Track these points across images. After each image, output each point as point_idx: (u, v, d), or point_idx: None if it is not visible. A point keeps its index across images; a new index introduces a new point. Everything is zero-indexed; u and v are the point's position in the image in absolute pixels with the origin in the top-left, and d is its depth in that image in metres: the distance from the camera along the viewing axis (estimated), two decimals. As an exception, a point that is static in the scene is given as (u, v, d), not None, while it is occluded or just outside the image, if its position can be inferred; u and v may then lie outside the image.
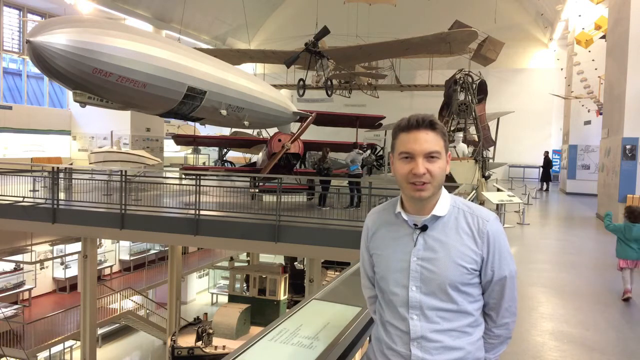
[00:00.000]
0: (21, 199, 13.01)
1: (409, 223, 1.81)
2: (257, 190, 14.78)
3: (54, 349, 17.41)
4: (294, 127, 16.94)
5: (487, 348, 1.85)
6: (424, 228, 1.78)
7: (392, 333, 1.80)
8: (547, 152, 23.84)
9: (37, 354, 15.99)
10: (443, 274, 1.73)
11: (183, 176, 17.23)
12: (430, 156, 1.73)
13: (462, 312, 1.76)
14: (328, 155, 14.26)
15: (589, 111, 20.95)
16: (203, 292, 28.71)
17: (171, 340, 16.92)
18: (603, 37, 16.22)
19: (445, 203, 1.81)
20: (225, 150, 20.62)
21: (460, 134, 15.30)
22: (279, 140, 14.58)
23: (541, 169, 23.70)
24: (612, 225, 6.49)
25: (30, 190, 13.86)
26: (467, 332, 1.77)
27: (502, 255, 1.79)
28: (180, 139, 19.84)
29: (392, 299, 1.81)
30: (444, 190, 1.84)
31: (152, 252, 25.28)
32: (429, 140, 1.74)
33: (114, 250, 23.41)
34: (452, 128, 15.93)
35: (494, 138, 17.53)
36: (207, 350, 16.26)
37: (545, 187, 22.35)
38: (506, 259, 1.80)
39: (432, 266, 1.74)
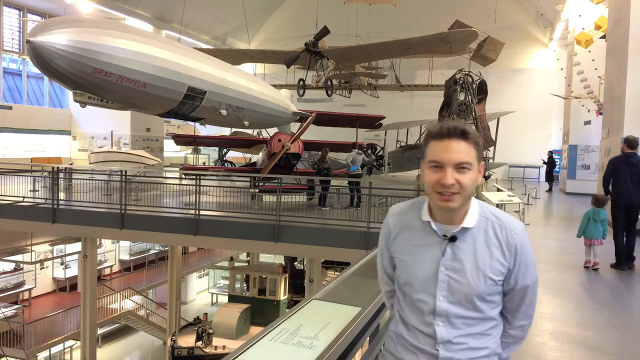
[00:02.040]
0: (21, 199, 13.01)
1: (437, 233, 1.79)
2: (257, 190, 14.78)
3: (54, 349, 17.41)
4: (294, 127, 16.93)
5: (502, 346, 1.87)
6: (452, 239, 1.76)
7: (416, 334, 1.81)
8: (550, 152, 23.82)
9: (37, 354, 15.99)
10: (471, 286, 1.73)
11: (183, 176, 17.22)
12: (460, 167, 1.70)
13: (485, 318, 1.79)
14: (327, 155, 14.25)
15: (589, 111, 20.95)
16: (203, 292, 28.71)
17: (171, 340, 16.92)
18: (603, 37, 16.21)
19: (474, 213, 1.79)
20: (225, 150, 20.60)
21: (460, 134, 15.26)
22: (279, 140, 14.57)
23: (545, 169, 23.64)
24: (585, 216, 7.73)
25: (30, 190, 13.85)
26: (488, 334, 1.80)
27: (527, 266, 1.80)
28: (180, 139, 19.83)
29: (417, 306, 1.80)
30: (473, 199, 1.82)
31: (152, 252, 25.28)
32: (460, 150, 1.71)
33: (114, 250, 23.41)
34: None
35: (494, 138, 17.52)
36: (207, 350, 16.26)
37: (549, 187, 22.32)
38: (530, 269, 1.82)
39: (460, 277, 1.74)
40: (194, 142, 19.53)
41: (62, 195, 13.31)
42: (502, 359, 1.88)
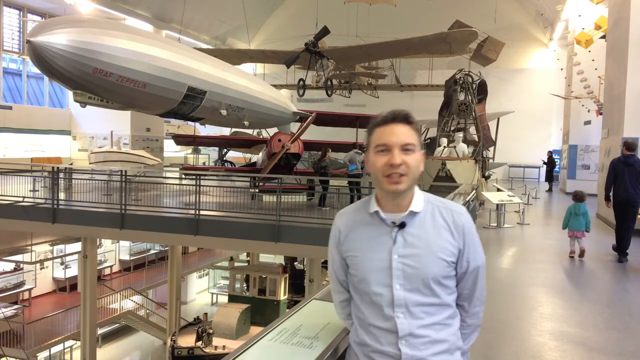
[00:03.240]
0: (21, 199, 13.00)
1: (386, 221, 1.80)
2: (257, 190, 14.77)
3: (54, 349, 17.41)
4: (294, 127, 16.93)
5: (462, 338, 1.88)
6: (402, 225, 1.78)
7: (376, 334, 1.79)
8: (550, 152, 23.83)
9: (37, 354, 15.99)
10: (425, 269, 1.75)
11: (183, 176, 17.23)
12: (406, 148, 1.75)
13: (443, 304, 1.79)
14: (328, 155, 14.21)
15: (589, 111, 20.96)
16: (203, 292, 28.72)
17: (171, 340, 16.92)
18: (603, 37, 16.22)
19: (419, 199, 1.83)
20: (225, 150, 20.61)
21: (460, 134, 15.29)
22: (279, 140, 14.58)
23: (545, 169, 23.65)
24: (568, 210, 8.70)
25: (30, 190, 13.85)
26: (448, 324, 1.80)
27: (475, 247, 1.84)
28: (180, 139, 19.83)
29: (375, 300, 1.79)
30: (416, 188, 1.85)
31: (152, 252, 25.29)
32: (404, 133, 1.76)
33: (114, 250, 23.42)
34: (452, 128, 15.93)
35: (494, 138, 17.53)
36: (207, 350, 16.26)
37: (549, 187, 22.33)
38: (478, 249, 1.86)
39: (414, 262, 1.75)
40: (194, 142, 19.55)
41: (62, 195, 13.30)
42: (464, 351, 1.89)
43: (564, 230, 8.77)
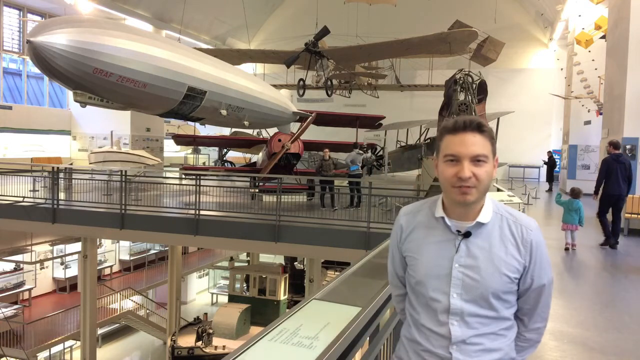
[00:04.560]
0: (21, 199, 13.01)
1: (451, 229, 1.76)
2: (257, 190, 14.77)
3: (54, 349, 17.42)
4: (294, 127, 16.93)
5: (517, 350, 1.84)
6: (467, 234, 1.74)
7: (429, 336, 1.78)
8: (550, 152, 23.80)
9: (37, 354, 16.00)
10: (486, 283, 1.70)
11: (183, 176, 17.23)
12: (477, 160, 1.69)
13: (500, 318, 1.76)
14: (327, 155, 14.07)
15: (589, 111, 20.94)
16: (203, 292, 28.71)
17: (171, 340, 16.93)
18: (603, 37, 16.21)
19: (488, 209, 1.77)
20: (225, 150, 20.61)
21: (460, 134, 15.26)
22: (279, 140, 14.57)
23: (546, 169, 23.62)
24: (561, 200, 9.39)
25: (30, 190, 13.85)
26: (503, 335, 1.77)
27: (542, 264, 1.78)
28: (180, 139, 19.84)
29: (431, 305, 1.77)
30: (487, 197, 1.80)
31: (152, 252, 25.29)
32: (476, 143, 1.70)
33: (114, 250, 23.42)
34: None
35: (494, 138, 17.48)
36: (207, 350, 16.27)
37: (549, 187, 22.32)
38: (546, 268, 1.79)
39: (475, 274, 1.71)
40: (194, 142, 19.54)
41: (62, 195, 13.31)
42: None
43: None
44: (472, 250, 1.73)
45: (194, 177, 13.23)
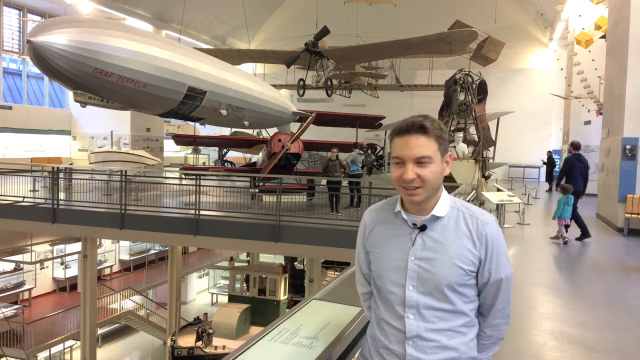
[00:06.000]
0: (21, 199, 13.01)
1: (408, 222, 1.81)
2: (257, 190, 14.77)
3: (54, 349, 17.42)
4: (294, 127, 16.94)
5: (480, 349, 1.86)
6: (422, 228, 1.78)
7: (387, 331, 1.81)
8: (550, 152, 23.81)
9: (37, 354, 16.00)
10: (440, 274, 1.73)
11: (183, 176, 17.23)
12: (419, 161, 1.72)
13: (457, 312, 1.77)
14: (336, 156, 13.85)
15: (589, 111, 20.95)
16: (203, 292, 28.72)
17: (171, 340, 16.94)
18: (603, 37, 16.22)
19: (444, 204, 1.81)
20: (225, 150, 20.61)
21: (460, 134, 15.29)
22: (279, 140, 14.57)
23: (545, 169, 23.61)
24: (560, 201, 9.84)
25: (30, 190, 13.85)
26: (461, 332, 1.78)
27: (499, 258, 1.79)
28: (180, 139, 19.84)
29: (388, 298, 1.81)
30: (444, 191, 1.84)
31: (152, 252, 25.29)
32: (419, 145, 1.72)
33: (114, 250, 23.42)
34: (452, 128, 15.91)
35: (494, 138, 17.52)
36: (207, 350, 16.28)
37: (549, 187, 22.31)
38: (503, 261, 1.80)
39: (430, 266, 1.74)
40: (194, 142, 19.53)
41: (62, 195, 13.30)
42: None
43: (554, 220, 10.04)
44: (428, 243, 1.77)
45: (194, 177, 13.22)
